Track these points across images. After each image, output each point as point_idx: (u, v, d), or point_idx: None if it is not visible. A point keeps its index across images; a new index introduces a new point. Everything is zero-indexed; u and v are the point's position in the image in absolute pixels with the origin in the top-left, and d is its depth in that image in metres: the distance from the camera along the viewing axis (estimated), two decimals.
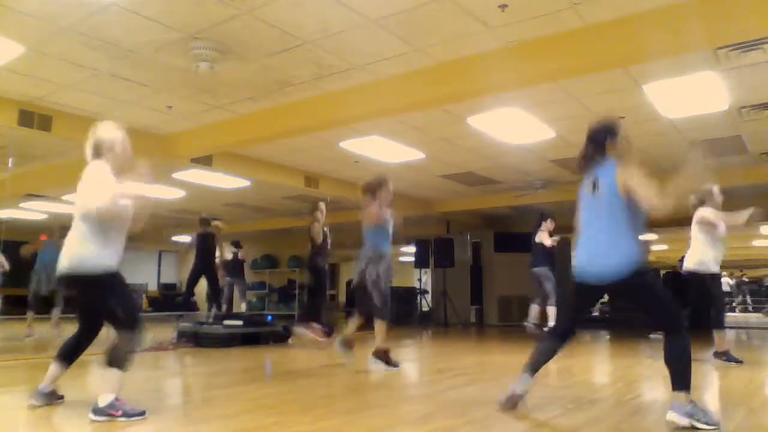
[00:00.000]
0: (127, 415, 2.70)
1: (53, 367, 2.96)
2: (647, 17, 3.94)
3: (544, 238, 7.68)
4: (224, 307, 9.75)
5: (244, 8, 3.98)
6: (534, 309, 7.62)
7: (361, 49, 4.63)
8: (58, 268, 2.86)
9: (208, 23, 4.20)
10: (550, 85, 5.22)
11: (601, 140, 2.94)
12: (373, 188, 4.72)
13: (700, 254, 4.96)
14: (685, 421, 2.56)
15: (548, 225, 7.81)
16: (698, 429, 2.52)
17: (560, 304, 6.96)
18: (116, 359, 2.79)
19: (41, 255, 7.88)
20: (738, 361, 4.96)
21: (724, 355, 5.01)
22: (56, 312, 7.58)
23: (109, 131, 3.01)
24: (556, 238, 7.80)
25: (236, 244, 10.50)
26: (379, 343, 4.53)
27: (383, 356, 4.55)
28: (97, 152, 2.97)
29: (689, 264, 5.03)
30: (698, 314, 5.09)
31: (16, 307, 9.57)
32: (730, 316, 16.57)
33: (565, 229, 12.27)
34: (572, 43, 4.27)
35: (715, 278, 5.04)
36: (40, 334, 7.51)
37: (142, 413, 2.75)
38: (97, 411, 2.70)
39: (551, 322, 7.61)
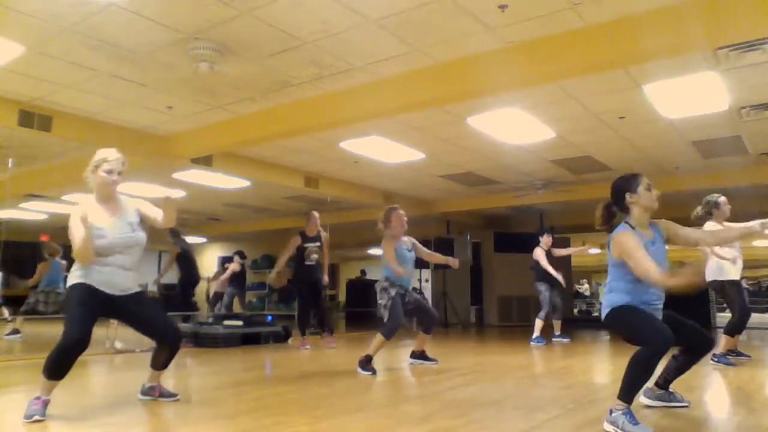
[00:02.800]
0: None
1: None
2: (647, 17, 3.95)
3: (539, 255, 7.57)
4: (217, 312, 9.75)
5: (244, 8, 3.98)
6: (537, 323, 7.56)
7: (361, 49, 4.63)
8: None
9: (208, 23, 4.20)
10: (550, 85, 5.22)
11: (610, 207, 3.06)
12: (384, 220, 5.00)
13: (714, 263, 5.14)
14: (609, 427, 2.63)
15: (545, 240, 7.66)
16: None
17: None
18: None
19: (47, 275, 7.92)
20: (731, 364, 4.98)
21: (723, 357, 5.06)
22: None
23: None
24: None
25: (242, 255, 10.51)
26: (370, 351, 4.68)
27: (364, 360, 4.66)
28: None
29: (708, 274, 5.22)
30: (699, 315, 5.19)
31: (14, 306, 9.60)
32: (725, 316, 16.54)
33: (568, 228, 12.23)
34: (572, 43, 4.27)
35: (733, 284, 5.09)
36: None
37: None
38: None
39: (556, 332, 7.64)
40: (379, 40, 4.45)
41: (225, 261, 10.75)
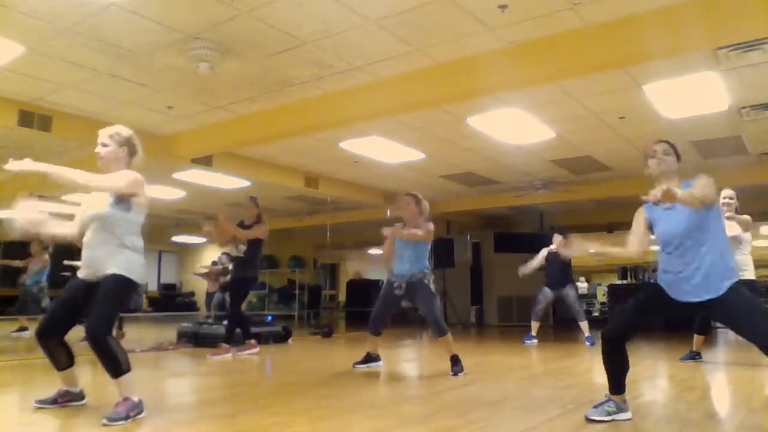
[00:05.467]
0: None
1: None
2: (647, 17, 3.95)
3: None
4: (213, 313, 9.76)
5: (244, 8, 3.98)
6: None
7: (361, 49, 4.63)
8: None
9: (208, 23, 4.20)
10: (550, 85, 5.22)
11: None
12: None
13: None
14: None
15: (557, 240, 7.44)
16: None
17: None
18: None
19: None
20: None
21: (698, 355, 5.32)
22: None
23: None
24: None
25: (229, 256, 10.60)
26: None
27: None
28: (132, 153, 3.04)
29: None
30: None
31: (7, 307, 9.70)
32: None
33: (568, 228, 12.36)
34: (572, 43, 4.27)
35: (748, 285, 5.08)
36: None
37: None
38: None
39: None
40: (379, 40, 4.45)
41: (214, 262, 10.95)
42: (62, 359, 2.95)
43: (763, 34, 3.91)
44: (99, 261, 2.83)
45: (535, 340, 7.35)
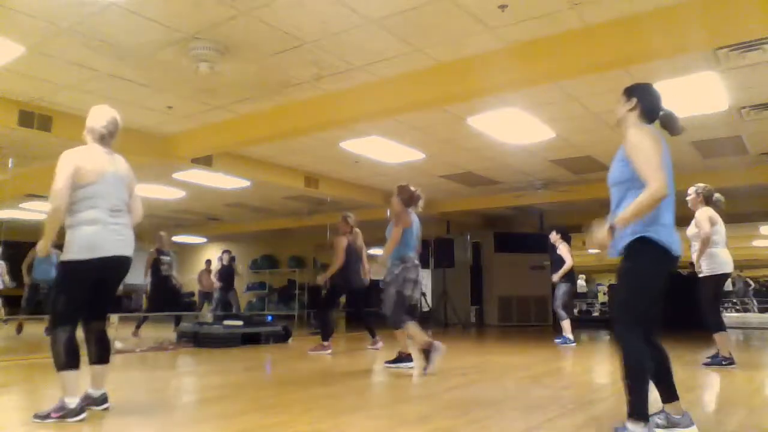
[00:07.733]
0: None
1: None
2: (647, 17, 3.95)
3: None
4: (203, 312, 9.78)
5: (244, 8, 3.98)
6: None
7: (361, 49, 4.63)
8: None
9: (208, 23, 4.20)
10: (551, 85, 5.22)
11: None
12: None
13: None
14: None
15: (553, 237, 7.51)
16: None
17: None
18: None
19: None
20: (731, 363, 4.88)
21: (725, 359, 4.99)
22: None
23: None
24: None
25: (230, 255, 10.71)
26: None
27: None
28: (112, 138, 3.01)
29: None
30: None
31: (11, 307, 9.66)
32: (731, 317, 16.57)
33: (568, 229, 12.36)
34: (572, 43, 4.27)
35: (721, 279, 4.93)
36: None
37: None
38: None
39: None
40: (379, 40, 4.45)
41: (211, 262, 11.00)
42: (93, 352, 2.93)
43: (763, 34, 3.91)
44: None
45: (573, 344, 7.09)
